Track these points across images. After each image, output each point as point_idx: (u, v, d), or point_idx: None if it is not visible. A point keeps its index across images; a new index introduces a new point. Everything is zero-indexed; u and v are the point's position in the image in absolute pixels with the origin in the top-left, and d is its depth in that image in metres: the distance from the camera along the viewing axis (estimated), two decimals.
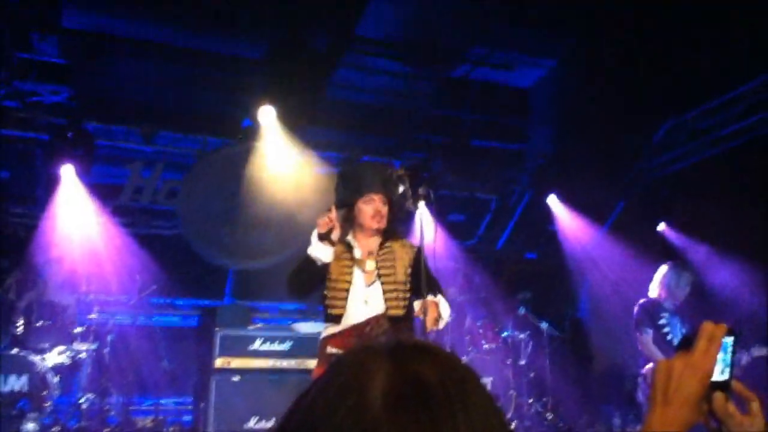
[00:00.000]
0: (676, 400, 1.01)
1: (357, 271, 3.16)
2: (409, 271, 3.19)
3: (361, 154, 7.75)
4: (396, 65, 6.97)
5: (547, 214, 7.98)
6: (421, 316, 3.00)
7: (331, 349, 3.05)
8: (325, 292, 3.16)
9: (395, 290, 3.13)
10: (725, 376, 1.04)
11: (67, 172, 6.70)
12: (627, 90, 6.40)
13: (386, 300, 3.07)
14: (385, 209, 3.16)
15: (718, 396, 1.02)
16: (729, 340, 1.05)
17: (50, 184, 6.96)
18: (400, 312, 3.12)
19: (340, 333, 3.08)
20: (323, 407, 0.65)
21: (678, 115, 7.01)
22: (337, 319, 3.10)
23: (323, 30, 6.23)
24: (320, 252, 3.06)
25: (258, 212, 7.34)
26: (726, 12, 5.32)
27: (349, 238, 3.22)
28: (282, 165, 7.20)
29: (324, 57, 6.44)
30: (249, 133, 7.16)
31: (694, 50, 5.74)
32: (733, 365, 1.05)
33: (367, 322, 3.05)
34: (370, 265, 3.18)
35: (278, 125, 6.84)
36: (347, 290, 3.12)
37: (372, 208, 3.14)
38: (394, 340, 0.73)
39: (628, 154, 7.45)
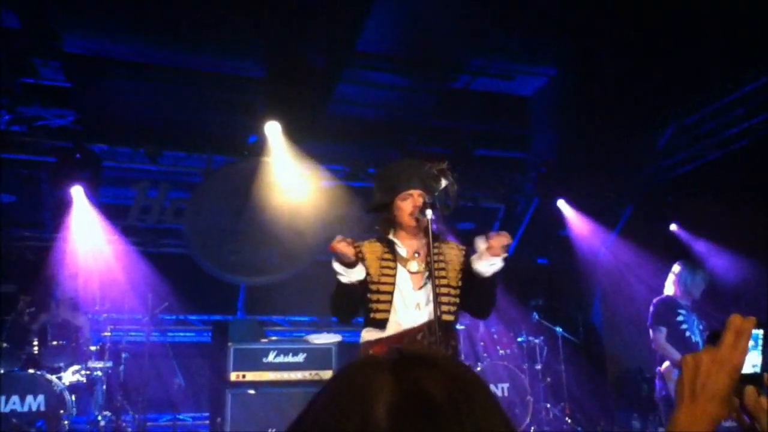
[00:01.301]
0: (703, 395, 0.98)
1: (401, 273, 2.96)
2: (460, 275, 2.99)
3: (365, 167, 7.80)
4: (396, 78, 7.01)
5: (557, 220, 7.98)
6: (482, 247, 2.81)
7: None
8: (367, 295, 2.93)
9: (448, 294, 2.92)
10: (756, 370, 1.02)
11: (77, 194, 6.73)
12: (628, 95, 6.42)
13: (438, 304, 2.79)
14: (424, 215, 2.90)
15: (750, 390, 1.00)
16: (759, 333, 1.03)
17: (57, 206, 6.99)
18: (451, 318, 2.94)
19: (387, 338, 2.86)
20: (330, 423, 0.63)
21: (681, 118, 7.04)
22: (381, 323, 2.89)
23: (323, 47, 6.27)
24: (353, 276, 2.85)
25: (265, 228, 7.35)
26: (726, 15, 5.35)
27: (391, 237, 3.01)
28: (288, 180, 7.22)
29: (325, 73, 6.49)
30: (255, 149, 7.20)
31: (695, 53, 5.77)
32: (765, 358, 1.03)
33: (419, 328, 2.85)
34: (417, 266, 2.97)
35: (284, 140, 6.88)
36: (391, 293, 2.91)
37: (410, 204, 2.92)
38: (397, 352, 0.71)
39: (632, 158, 7.46)
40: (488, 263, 2.82)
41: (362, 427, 0.61)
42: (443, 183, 2.90)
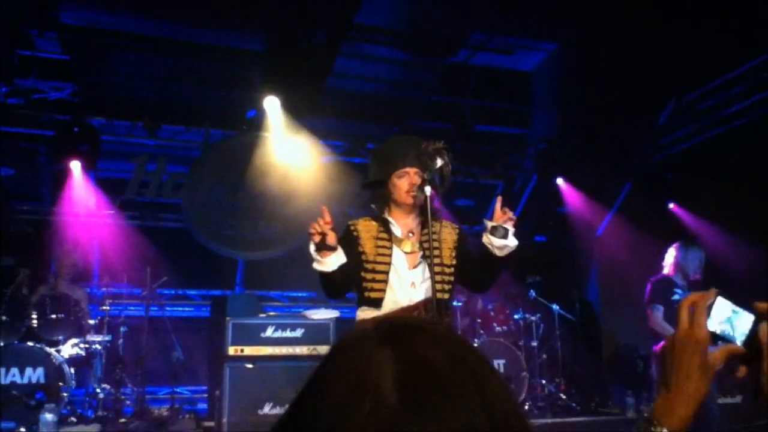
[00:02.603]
0: (677, 376, 0.99)
1: (396, 252, 2.95)
2: (454, 253, 3.00)
3: (365, 143, 7.77)
4: (396, 53, 6.95)
5: (555, 197, 7.98)
6: (493, 241, 2.81)
7: None
8: (362, 274, 2.91)
9: (442, 273, 2.91)
10: (735, 334, 1.03)
11: (75, 167, 6.72)
12: (629, 72, 6.38)
13: (434, 282, 2.80)
14: (422, 192, 2.86)
15: (764, 326, 1.01)
16: (723, 303, 1.03)
17: (56, 180, 6.98)
18: (446, 296, 2.94)
19: (384, 317, 2.83)
20: (339, 412, 0.61)
21: (681, 96, 7.01)
22: (376, 302, 2.89)
23: (323, 20, 6.21)
24: (326, 265, 2.76)
25: (264, 203, 7.34)
26: None
27: (386, 215, 3.00)
28: (287, 155, 7.20)
29: (324, 47, 6.43)
30: (253, 123, 7.16)
31: (696, 31, 5.72)
32: (752, 336, 1.02)
33: (416, 306, 2.86)
34: (412, 245, 2.97)
35: (282, 115, 6.84)
36: (387, 272, 2.90)
37: (406, 182, 2.90)
38: (390, 323, 0.70)
39: (632, 136, 7.43)
40: (502, 242, 2.81)
41: (375, 409, 0.60)
42: (438, 162, 2.82)
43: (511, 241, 2.83)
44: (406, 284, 2.91)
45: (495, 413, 0.61)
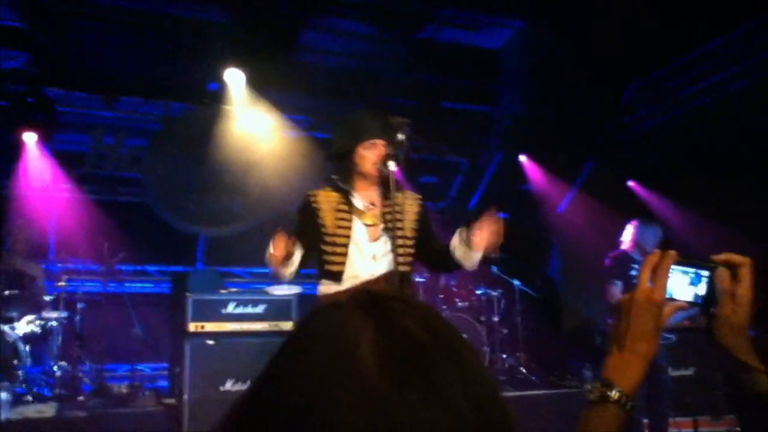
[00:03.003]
0: (630, 337, 0.99)
1: (357, 224, 2.93)
2: (416, 225, 2.99)
3: (330, 118, 7.69)
4: (364, 27, 6.88)
5: (518, 175, 8.04)
6: (456, 248, 2.85)
7: None
8: (322, 247, 2.90)
9: (404, 245, 2.88)
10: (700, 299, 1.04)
11: (29, 139, 6.52)
12: (594, 50, 6.41)
13: (396, 255, 2.79)
14: (386, 166, 2.88)
15: (722, 271, 1.03)
16: (704, 273, 1.05)
17: (10, 151, 6.78)
18: (408, 269, 2.92)
19: (345, 291, 2.75)
20: (315, 381, 0.59)
21: (645, 74, 7.08)
22: (336, 276, 2.86)
23: None
24: (290, 268, 2.80)
25: (226, 178, 7.25)
26: None
27: (347, 187, 2.98)
28: (250, 129, 7.10)
29: (290, 19, 6.33)
30: (216, 97, 7.03)
31: (661, 9, 5.77)
32: (709, 288, 1.04)
33: (377, 279, 2.83)
34: (373, 218, 2.95)
35: (246, 89, 6.73)
36: (346, 245, 2.88)
37: (374, 154, 2.88)
38: (369, 293, 0.67)
39: (596, 114, 7.51)
40: (473, 258, 2.85)
41: (351, 374, 0.58)
42: (400, 137, 2.86)
43: (475, 258, 2.87)
44: (367, 257, 2.89)
45: (473, 391, 0.60)
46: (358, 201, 2.97)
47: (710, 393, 5.08)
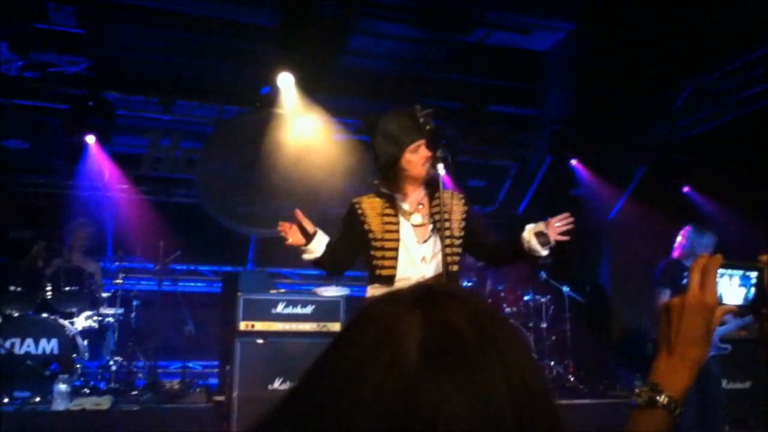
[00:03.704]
0: (680, 341, 0.98)
1: (405, 227, 2.92)
2: (463, 224, 2.98)
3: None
4: (410, 31, 6.89)
5: (568, 179, 7.92)
6: (533, 241, 2.90)
7: None
8: (371, 252, 2.90)
9: (451, 245, 2.88)
10: (750, 300, 1.02)
11: (90, 142, 6.76)
12: (646, 53, 6.28)
13: (445, 256, 2.81)
14: (435, 169, 2.90)
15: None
16: (752, 274, 1.03)
17: (71, 153, 7.03)
18: (456, 268, 2.90)
19: (422, 282, 2.76)
20: (357, 362, 0.62)
21: (699, 77, 6.90)
22: (388, 279, 2.85)
23: None
24: (311, 252, 2.87)
25: (276, 180, 7.35)
26: None
27: (393, 192, 2.98)
28: (300, 132, 7.19)
29: (338, 23, 6.38)
30: (267, 100, 7.15)
31: (715, 11, 5.62)
32: (758, 295, 1.02)
33: (429, 281, 2.79)
34: (421, 218, 2.95)
35: (296, 92, 6.82)
36: (396, 249, 2.88)
37: (422, 156, 2.87)
38: (424, 288, 0.70)
39: (648, 118, 7.35)
40: (538, 248, 2.91)
41: (392, 363, 0.60)
42: (428, 128, 2.89)
43: (544, 251, 2.94)
44: (417, 259, 2.90)
45: (516, 385, 0.61)
46: (406, 204, 2.98)
47: (767, 407, 4.91)
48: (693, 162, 7.40)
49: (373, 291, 2.95)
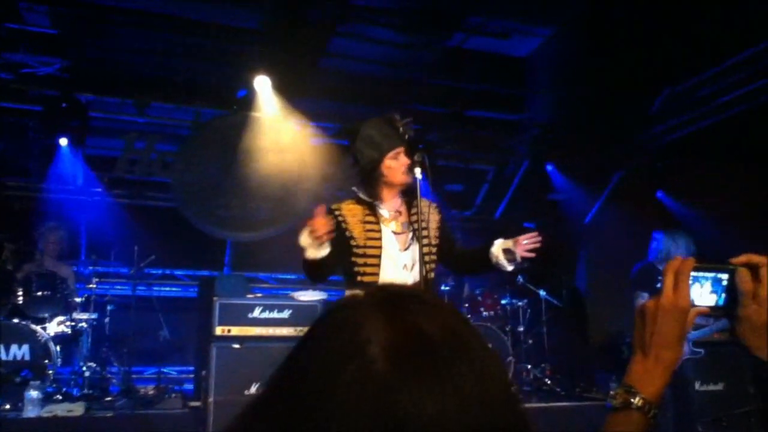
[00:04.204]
0: (655, 343, 0.99)
1: (386, 233, 2.96)
2: (438, 233, 3.07)
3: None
4: (392, 34, 6.89)
5: (546, 184, 7.99)
6: (501, 257, 2.95)
7: None
8: (352, 259, 2.92)
9: (430, 253, 2.96)
10: (722, 302, 1.03)
11: (63, 144, 6.66)
12: (625, 58, 6.35)
13: (423, 264, 2.86)
14: (413, 173, 2.93)
15: (742, 272, 1.02)
16: (724, 277, 1.04)
17: (44, 155, 6.92)
18: (432, 276, 2.97)
19: (375, 286, 2.77)
20: (324, 372, 0.61)
21: (676, 83, 6.99)
22: (369, 286, 2.87)
23: None
24: (318, 254, 2.77)
25: (254, 184, 7.30)
26: None
27: (372, 198, 3.01)
28: (278, 136, 7.16)
29: (320, 26, 6.36)
30: (244, 103, 7.11)
31: (692, 18, 5.70)
32: (729, 298, 1.03)
33: (391, 285, 2.88)
34: (400, 226, 3.00)
35: (274, 95, 6.79)
36: (379, 256, 2.91)
37: (401, 163, 2.94)
38: (386, 291, 0.70)
39: (626, 123, 7.43)
40: (503, 263, 2.97)
41: (361, 371, 0.59)
42: (409, 137, 2.96)
43: (510, 267, 3.00)
44: (399, 266, 2.94)
45: (486, 389, 0.61)
46: (385, 211, 3.02)
47: (741, 409, 4.97)
48: (669, 166, 7.49)
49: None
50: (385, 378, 0.59)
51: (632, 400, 0.96)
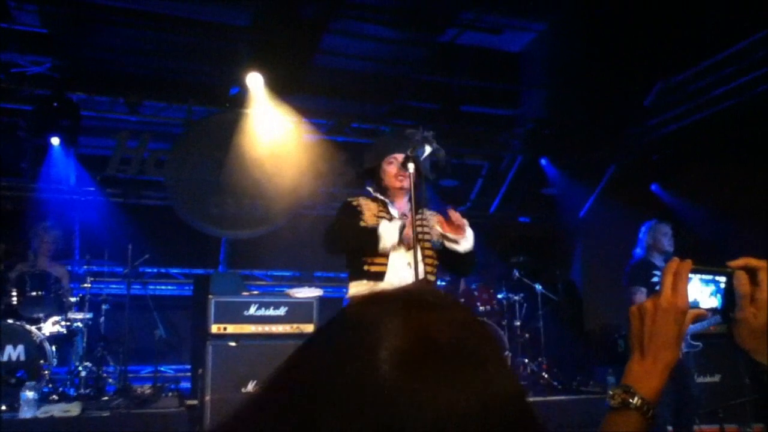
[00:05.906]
0: (652, 344, 0.99)
1: None
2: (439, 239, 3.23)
3: (349, 122, 7.71)
4: (385, 30, 6.87)
5: (540, 178, 8.00)
6: (437, 233, 3.11)
7: None
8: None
9: (431, 257, 3.16)
10: (720, 304, 1.04)
11: (55, 143, 6.62)
12: (618, 52, 6.35)
13: (426, 265, 3.06)
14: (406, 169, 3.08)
15: (740, 275, 1.02)
16: (721, 279, 1.04)
17: (36, 155, 6.88)
18: (433, 278, 3.18)
19: (406, 287, 2.90)
20: (328, 367, 0.61)
21: (669, 76, 7.00)
22: (377, 276, 3.08)
23: None
24: (393, 237, 3.05)
25: (247, 181, 7.28)
26: None
27: (382, 197, 3.26)
28: (271, 133, 7.13)
29: (312, 23, 6.34)
30: (236, 100, 7.08)
31: (685, 11, 5.70)
32: (726, 301, 1.04)
33: (414, 285, 2.95)
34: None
35: (266, 92, 6.76)
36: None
37: (394, 168, 3.15)
38: (409, 293, 0.69)
39: (619, 117, 7.44)
40: (457, 244, 3.10)
41: (364, 370, 0.59)
42: (428, 149, 3.02)
43: (462, 246, 3.11)
44: (404, 263, 3.10)
45: (495, 400, 0.60)
46: (394, 210, 3.22)
47: (737, 400, 4.99)
48: (663, 160, 7.51)
49: (358, 287, 3.11)
50: (387, 382, 0.58)
51: (630, 400, 0.96)
